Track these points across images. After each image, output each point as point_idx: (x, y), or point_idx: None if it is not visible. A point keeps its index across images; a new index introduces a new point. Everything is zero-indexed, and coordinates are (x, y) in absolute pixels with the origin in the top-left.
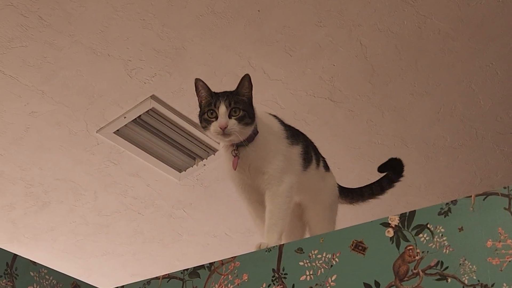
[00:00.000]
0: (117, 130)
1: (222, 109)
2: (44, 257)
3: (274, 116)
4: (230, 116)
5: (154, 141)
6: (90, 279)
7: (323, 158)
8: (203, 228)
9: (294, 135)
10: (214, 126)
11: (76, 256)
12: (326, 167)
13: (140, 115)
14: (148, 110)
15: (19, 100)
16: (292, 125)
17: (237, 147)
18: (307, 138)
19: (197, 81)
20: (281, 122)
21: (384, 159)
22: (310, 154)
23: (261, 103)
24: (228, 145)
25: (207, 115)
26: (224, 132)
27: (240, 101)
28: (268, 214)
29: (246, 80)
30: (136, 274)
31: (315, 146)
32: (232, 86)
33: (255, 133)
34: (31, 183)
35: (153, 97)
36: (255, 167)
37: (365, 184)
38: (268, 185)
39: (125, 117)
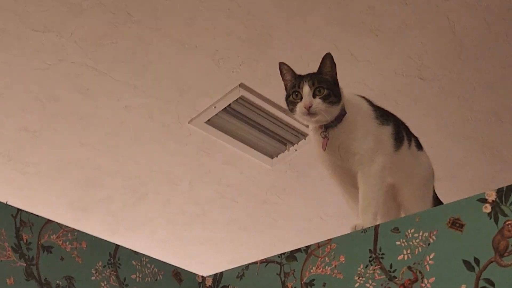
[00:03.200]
0: (208, 120)
1: (306, 89)
2: (144, 247)
3: (363, 97)
4: (314, 96)
5: (245, 129)
6: (189, 267)
7: (415, 137)
8: (298, 213)
9: (384, 115)
10: (300, 107)
11: (175, 245)
12: (419, 147)
13: (229, 104)
14: (238, 99)
15: (112, 95)
16: (382, 106)
17: (326, 129)
18: (397, 118)
19: (281, 64)
20: (370, 103)
21: (478, 136)
22: (402, 134)
23: (349, 86)
24: (317, 127)
25: (292, 97)
26: (310, 111)
27: (323, 80)
28: (362, 195)
29: (327, 59)
30: (234, 261)
31: (406, 126)
32: None
33: (343, 113)
34: (128, 176)
35: (242, 85)
36: (345, 147)
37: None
38: (360, 166)
39: (215, 107)
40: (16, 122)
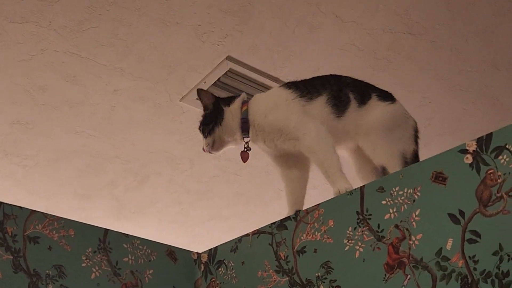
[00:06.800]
0: None
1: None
2: (153, 229)
3: (287, 84)
4: (206, 136)
5: None
6: (201, 246)
7: (380, 91)
8: None
9: (313, 89)
10: None
11: (184, 224)
12: (385, 99)
13: (219, 78)
14: (226, 72)
15: (100, 80)
16: (375, 65)
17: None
18: (343, 81)
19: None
20: (291, 85)
21: (476, 87)
22: (346, 97)
23: (338, 49)
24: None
25: None
26: (211, 151)
27: (205, 118)
28: (319, 167)
29: (199, 96)
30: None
31: (360, 83)
32: (305, 36)
33: (245, 121)
34: (127, 159)
35: (229, 58)
36: (270, 140)
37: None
38: (296, 144)
39: (205, 82)
40: (8, 116)
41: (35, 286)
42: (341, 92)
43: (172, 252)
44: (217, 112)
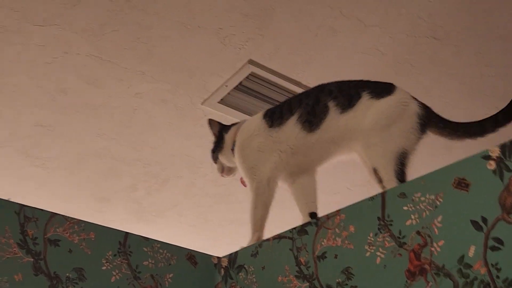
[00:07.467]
0: (221, 99)
1: None
2: (173, 232)
3: (265, 112)
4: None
5: (258, 105)
6: (220, 249)
7: (374, 86)
8: (325, 185)
9: (286, 111)
10: None
11: (204, 228)
12: (379, 94)
13: (241, 82)
14: (248, 75)
15: (121, 83)
16: (397, 70)
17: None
18: (325, 90)
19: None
20: (267, 113)
21: (500, 92)
22: (323, 108)
23: (361, 53)
24: None
25: None
26: (224, 176)
27: (213, 146)
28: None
29: (209, 125)
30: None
31: (348, 85)
32: (327, 40)
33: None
34: (147, 162)
35: (251, 61)
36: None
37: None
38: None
39: (226, 86)
40: (30, 118)
41: None
42: (317, 105)
43: (192, 256)
44: (220, 140)
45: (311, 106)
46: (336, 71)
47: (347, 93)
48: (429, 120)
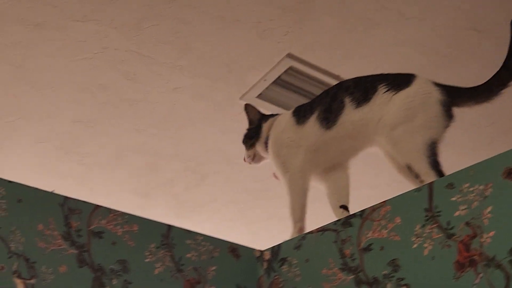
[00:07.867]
0: (260, 94)
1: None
2: (210, 228)
3: (295, 109)
4: (247, 148)
5: (297, 99)
6: (259, 244)
7: (392, 79)
8: (364, 180)
9: (309, 109)
10: None
11: (242, 223)
12: (397, 87)
13: (279, 76)
14: (287, 69)
15: (160, 78)
16: (437, 63)
17: None
18: (343, 87)
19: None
20: (296, 110)
21: None
22: (339, 104)
23: (401, 45)
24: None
25: None
26: (251, 163)
27: (248, 132)
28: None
29: (245, 110)
30: None
31: (365, 80)
32: (366, 33)
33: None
34: (186, 158)
35: (289, 55)
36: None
37: None
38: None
39: (265, 80)
40: (69, 114)
41: (99, 280)
42: (334, 101)
43: (234, 249)
44: (259, 128)
45: (328, 103)
46: (376, 64)
47: (362, 87)
48: (453, 101)
